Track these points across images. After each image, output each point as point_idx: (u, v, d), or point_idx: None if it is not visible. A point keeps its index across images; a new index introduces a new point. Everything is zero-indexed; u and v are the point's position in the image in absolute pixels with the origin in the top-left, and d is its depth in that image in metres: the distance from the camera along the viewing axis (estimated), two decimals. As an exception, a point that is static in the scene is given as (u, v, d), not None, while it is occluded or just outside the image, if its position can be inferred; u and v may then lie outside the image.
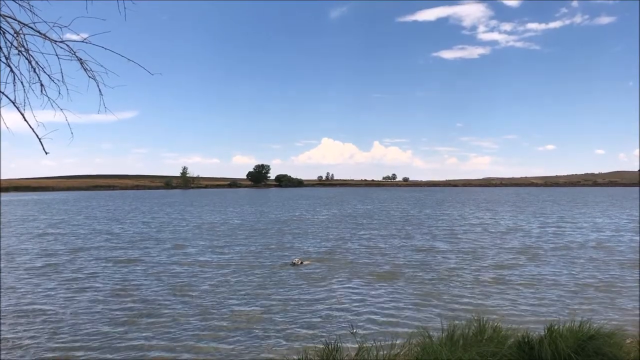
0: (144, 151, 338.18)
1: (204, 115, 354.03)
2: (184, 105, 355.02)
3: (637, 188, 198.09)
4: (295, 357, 6.26)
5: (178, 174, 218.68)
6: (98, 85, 4.41)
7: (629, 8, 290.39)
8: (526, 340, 6.14)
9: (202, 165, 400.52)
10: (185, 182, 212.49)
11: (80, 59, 4.27)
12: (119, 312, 12.87)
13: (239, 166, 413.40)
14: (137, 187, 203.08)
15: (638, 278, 16.93)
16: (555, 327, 6.23)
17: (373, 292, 14.94)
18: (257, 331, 11.19)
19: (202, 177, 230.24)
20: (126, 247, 25.61)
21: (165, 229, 35.66)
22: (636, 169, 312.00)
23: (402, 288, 15.43)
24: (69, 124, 4.48)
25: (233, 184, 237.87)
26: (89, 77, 4.36)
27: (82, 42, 4.25)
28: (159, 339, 10.74)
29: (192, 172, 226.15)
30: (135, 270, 18.80)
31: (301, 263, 19.41)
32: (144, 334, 11.05)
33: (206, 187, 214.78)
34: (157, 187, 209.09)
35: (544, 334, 6.22)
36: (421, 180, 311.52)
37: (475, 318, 6.47)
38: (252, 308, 13.23)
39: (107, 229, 35.93)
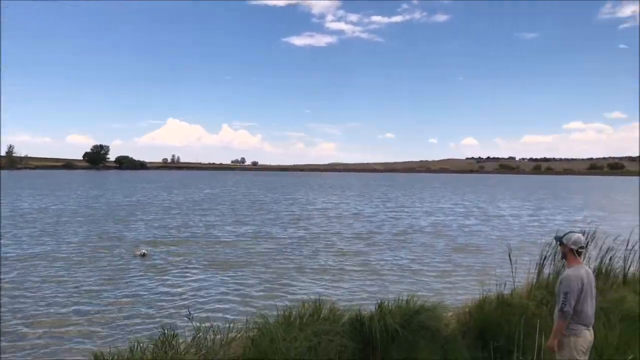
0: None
1: (33, 89, 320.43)
2: (8, 76, 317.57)
3: (464, 175, 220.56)
4: (127, 346, 5.94)
5: (2, 154, 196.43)
6: None
7: (462, 7, 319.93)
8: (358, 317, 6.45)
9: (31, 145, 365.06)
10: (10, 162, 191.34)
11: None
12: None
13: (75, 146, 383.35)
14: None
15: (463, 260, 18.79)
16: (385, 305, 6.62)
17: (216, 280, 14.74)
18: (93, 328, 10.39)
19: (31, 157, 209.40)
20: None
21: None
22: (463, 157, 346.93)
23: (245, 275, 15.37)
24: None
25: (68, 165, 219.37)
26: None
27: None
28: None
29: (20, 152, 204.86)
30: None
31: (144, 254, 17.94)
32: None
33: (35, 168, 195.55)
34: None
35: (374, 311, 6.58)
36: (270, 165, 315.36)
37: (312, 300, 6.65)
38: (88, 303, 12.32)
39: None
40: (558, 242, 5.26)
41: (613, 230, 14.02)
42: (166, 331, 5.69)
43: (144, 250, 18.37)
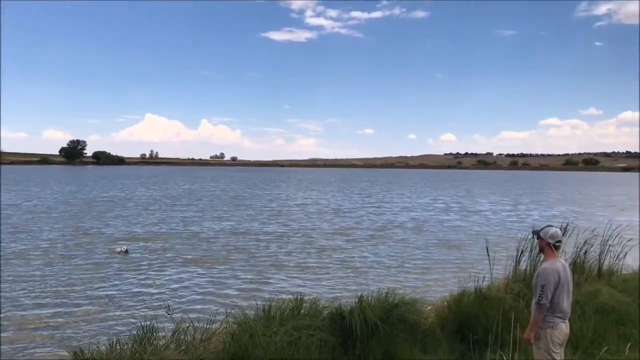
0: None
1: (8, 83, 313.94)
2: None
3: (442, 170, 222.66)
4: (107, 343, 5.88)
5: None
6: None
7: (441, 4, 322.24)
8: (339, 312, 6.48)
9: (7, 140, 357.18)
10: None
11: None
12: None
13: (51, 141, 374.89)
14: None
15: (442, 255, 18.94)
16: (365, 299, 6.66)
17: (196, 276, 14.63)
18: (72, 326, 10.24)
19: (6, 153, 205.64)
20: None
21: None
22: (441, 153, 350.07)
23: (225, 272, 15.26)
24: None
25: (44, 160, 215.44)
26: None
27: None
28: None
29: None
30: None
31: (126, 251, 17.62)
32: None
33: (11, 163, 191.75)
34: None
35: (354, 305, 6.61)
36: (249, 160, 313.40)
37: (293, 296, 6.66)
38: (66, 301, 12.14)
39: None
40: (536, 236, 5.32)
41: (588, 225, 14.24)
42: (145, 328, 5.65)
43: (125, 247, 18.09)
